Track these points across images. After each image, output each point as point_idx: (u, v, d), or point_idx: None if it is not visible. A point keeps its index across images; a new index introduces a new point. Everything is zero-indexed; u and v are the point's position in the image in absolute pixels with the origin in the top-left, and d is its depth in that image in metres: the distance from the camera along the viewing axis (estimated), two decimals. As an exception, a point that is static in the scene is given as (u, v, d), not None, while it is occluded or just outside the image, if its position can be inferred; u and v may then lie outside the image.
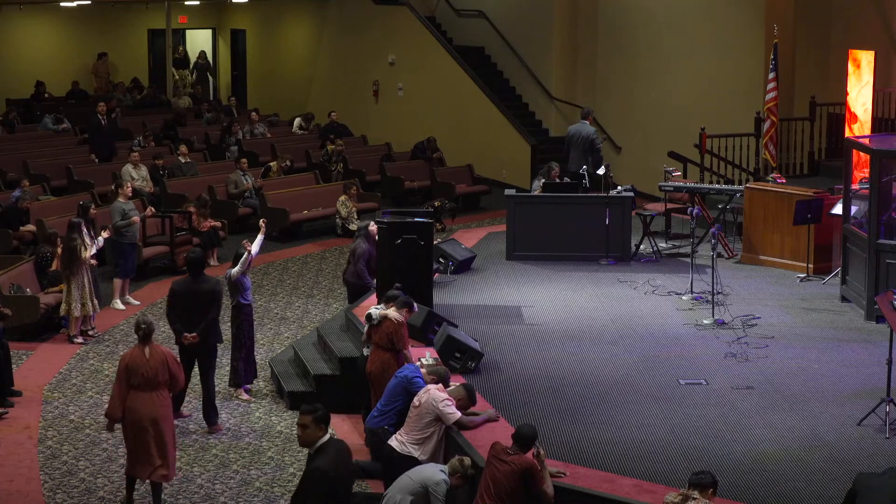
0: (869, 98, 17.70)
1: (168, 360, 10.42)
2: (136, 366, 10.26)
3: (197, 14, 34.69)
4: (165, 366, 10.37)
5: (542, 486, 8.87)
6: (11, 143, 25.58)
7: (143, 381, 10.24)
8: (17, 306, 14.70)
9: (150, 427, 10.22)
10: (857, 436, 10.49)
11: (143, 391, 10.24)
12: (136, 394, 10.24)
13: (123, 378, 10.26)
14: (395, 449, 10.05)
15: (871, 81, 17.61)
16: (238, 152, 24.85)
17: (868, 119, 17.73)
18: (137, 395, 10.24)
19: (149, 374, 10.26)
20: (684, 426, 10.68)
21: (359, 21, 28.45)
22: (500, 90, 25.48)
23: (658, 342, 13.06)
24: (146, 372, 10.25)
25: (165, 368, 10.36)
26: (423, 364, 11.16)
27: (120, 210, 16.62)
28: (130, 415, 10.25)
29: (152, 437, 10.22)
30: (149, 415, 10.23)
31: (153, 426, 10.23)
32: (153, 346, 10.43)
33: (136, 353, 10.37)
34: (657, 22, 22.46)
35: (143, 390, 10.24)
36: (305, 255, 19.87)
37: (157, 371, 10.29)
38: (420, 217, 13.43)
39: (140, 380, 10.24)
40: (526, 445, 8.98)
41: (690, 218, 15.44)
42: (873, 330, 13.44)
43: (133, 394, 10.25)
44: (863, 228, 14.08)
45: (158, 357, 10.36)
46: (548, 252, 16.52)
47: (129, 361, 10.31)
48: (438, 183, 23.18)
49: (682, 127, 20.72)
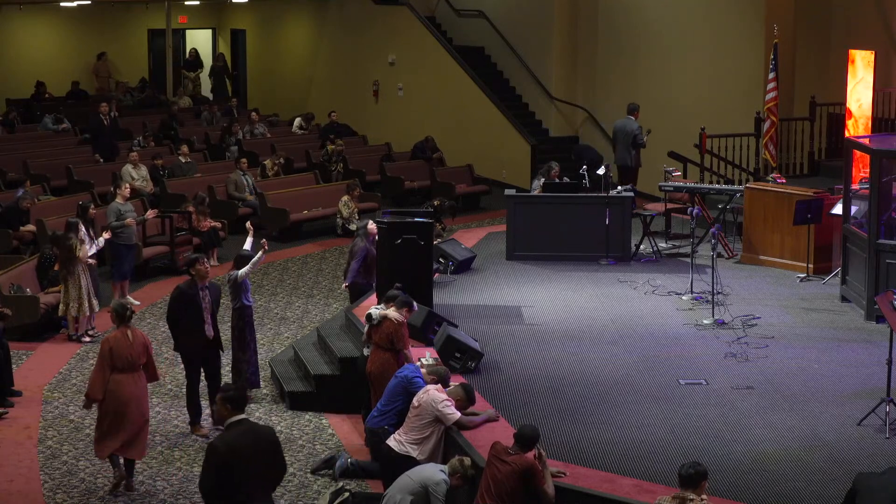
0: (863, 95, 17.70)
1: (147, 343, 10.82)
2: (121, 349, 10.58)
3: (197, 14, 34.69)
4: (146, 348, 10.76)
5: (543, 486, 8.86)
6: (11, 143, 25.60)
7: (127, 364, 10.57)
8: (17, 306, 14.71)
9: (132, 408, 10.60)
10: (857, 436, 10.49)
11: (126, 373, 10.57)
12: (119, 376, 10.54)
13: (107, 361, 10.52)
14: (394, 448, 10.05)
15: (872, 81, 17.61)
16: (238, 152, 24.86)
17: (861, 115, 17.73)
18: (121, 377, 10.55)
19: (132, 356, 10.61)
20: (684, 426, 10.68)
21: (359, 21, 28.45)
22: (500, 90, 25.47)
23: (658, 342, 13.06)
24: (130, 354, 10.59)
25: (145, 351, 10.75)
26: (423, 364, 11.16)
27: (115, 211, 16.58)
28: (113, 397, 10.52)
29: (131, 417, 10.59)
30: (131, 396, 10.60)
31: (134, 407, 10.62)
32: (134, 330, 10.78)
33: (119, 337, 10.65)
34: (657, 22, 22.46)
35: (125, 373, 10.57)
36: (305, 255, 19.87)
37: (139, 354, 10.66)
38: (420, 217, 13.43)
39: (124, 363, 10.56)
40: (527, 446, 8.97)
41: (690, 218, 15.44)
42: (873, 330, 13.44)
43: (116, 376, 10.53)
44: (863, 228, 14.08)
45: (140, 340, 10.73)
46: (548, 252, 16.52)
47: (113, 344, 10.57)
48: (438, 183, 23.19)
49: (682, 127, 20.71)
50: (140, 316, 16.24)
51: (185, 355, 12.24)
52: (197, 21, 34.90)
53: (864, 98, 17.73)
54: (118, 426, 10.56)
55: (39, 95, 30.63)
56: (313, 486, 10.91)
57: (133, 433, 10.62)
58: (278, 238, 20.38)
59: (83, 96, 30.96)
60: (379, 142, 26.62)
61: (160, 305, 16.78)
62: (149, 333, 15.17)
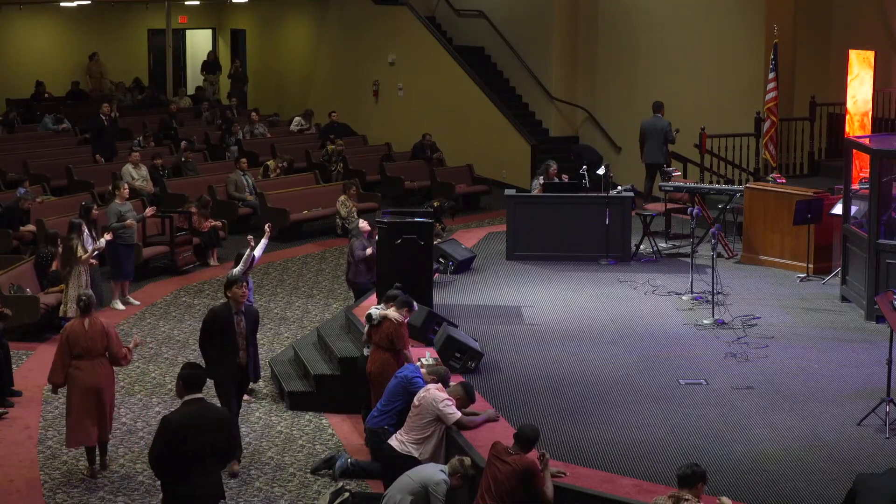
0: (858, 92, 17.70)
1: (106, 331, 11.17)
2: (77, 336, 11.07)
3: (197, 14, 34.69)
4: (104, 336, 11.13)
5: (542, 487, 8.86)
6: (11, 143, 25.58)
7: (84, 351, 11.06)
8: (17, 306, 14.70)
9: (94, 394, 11.06)
10: (857, 436, 10.49)
11: (85, 360, 11.06)
12: (78, 363, 11.07)
13: (65, 348, 11.10)
14: (395, 448, 10.06)
15: (871, 81, 17.61)
16: (238, 152, 24.86)
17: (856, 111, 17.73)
18: (80, 363, 11.06)
19: (88, 343, 11.06)
20: (684, 426, 10.68)
21: (359, 21, 28.45)
22: (500, 90, 25.47)
23: (658, 342, 13.06)
24: (86, 342, 11.05)
25: (104, 338, 11.12)
26: (423, 364, 11.16)
27: (115, 212, 16.59)
28: (74, 382, 11.10)
29: (94, 404, 11.06)
30: (92, 382, 11.07)
31: (96, 394, 11.06)
32: (93, 318, 11.18)
33: (76, 325, 11.17)
34: (657, 22, 22.46)
35: (84, 359, 11.06)
36: (305, 255, 19.87)
37: (96, 341, 11.07)
38: (420, 217, 13.43)
39: (80, 350, 11.06)
40: (527, 446, 8.98)
41: (690, 218, 15.44)
42: (873, 330, 13.43)
43: (76, 362, 11.07)
44: (863, 228, 14.08)
45: (98, 328, 11.12)
46: (548, 252, 16.51)
47: (69, 332, 11.14)
48: (438, 183, 23.19)
49: (682, 127, 20.70)
50: (140, 316, 16.25)
51: (218, 383, 11.04)
52: (197, 21, 34.90)
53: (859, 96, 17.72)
54: (85, 412, 11.04)
55: (39, 95, 30.62)
56: (313, 486, 10.91)
57: (100, 417, 11.11)
58: (278, 238, 20.36)
59: (83, 96, 30.95)
60: (379, 142, 26.62)
61: (160, 305, 16.79)
62: (148, 334, 15.25)
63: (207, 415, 8.37)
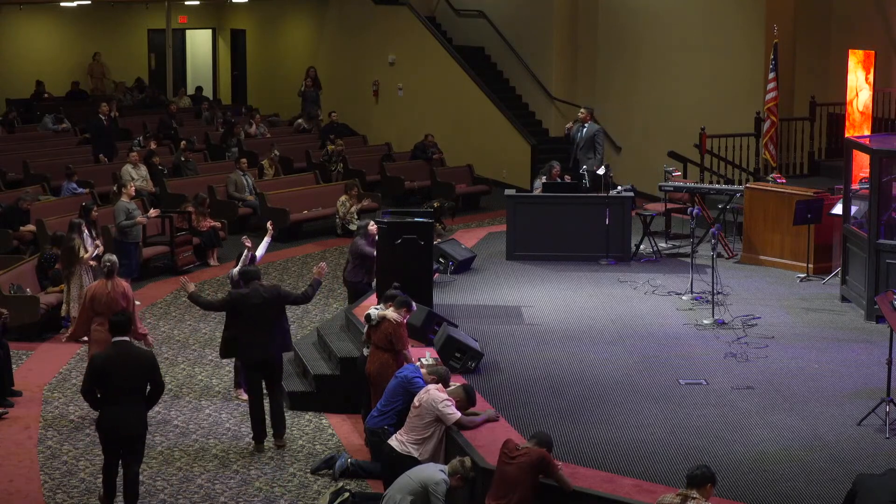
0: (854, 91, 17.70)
1: (127, 294, 12.26)
2: (99, 294, 12.20)
3: (197, 14, 34.68)
4: (125, 297, 12.22)
5: (559, 472, 8.98)
6: (11, 143, 25.57)
7: (105, 308, 12.03)
8: (17, 306, 14.71)
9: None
10: (857, 436, 10.49)
11: (105, 317, 11.69)
12: (101, 318, 11.97)
13: (88, 305, 12.28)
14: (395, 449, 10.06)
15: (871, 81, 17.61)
16: (238, 152, 24.85)
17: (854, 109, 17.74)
18: (103, 319, 11.81)
19: (110, 302, 12.10)
20: (684, 426, 10.68)
21: (359, 21, 28.45)
22: (500, 90, 25.47)
23: (658, 342, 13.06)
24: (107, 301, 12.10)
25: (125, 299, 12.20)
26: (423, 364, 11.16)
27: (124, 209, 16.65)
28: (93, 337, 12.20)
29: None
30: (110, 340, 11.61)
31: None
32: (115, 281, 12.29)
33: (99, 285, 12.33)
34: (657, 22, 22.45)
35: (104, 316, 11.79)
36: (305, 255, 19.86)
37: (117, 301, 12.12)
38: (420, 217, 13.43)
39: (102, 307, 12.10)
40: (542, 444, 9.09)
41: (690, 218, 15.43)
42: (873, 330, 13.43)
43: (98, 319, 12.10)
44: (863, 228, 14.08)
45: (119, 289, 12.24)
46: (548, 252, 16.51)
47: (94, 291, 12.31)
48: (438, 183, 23.18)
49: (682, 127, 20.73)
50: (140, 316, 16.21)
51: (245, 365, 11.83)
52: (197, 21, 34.89)
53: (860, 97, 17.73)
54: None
55: (39, 95, 30.62)
56: (313, 486, 10.91)
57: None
58: (278, 238, 20.33)
59: (83, 96, 30.94)
60: (379, 142, 26.61)
61: (160, 305, 16.79)
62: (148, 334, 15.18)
63: (131, 356, 9.86)
